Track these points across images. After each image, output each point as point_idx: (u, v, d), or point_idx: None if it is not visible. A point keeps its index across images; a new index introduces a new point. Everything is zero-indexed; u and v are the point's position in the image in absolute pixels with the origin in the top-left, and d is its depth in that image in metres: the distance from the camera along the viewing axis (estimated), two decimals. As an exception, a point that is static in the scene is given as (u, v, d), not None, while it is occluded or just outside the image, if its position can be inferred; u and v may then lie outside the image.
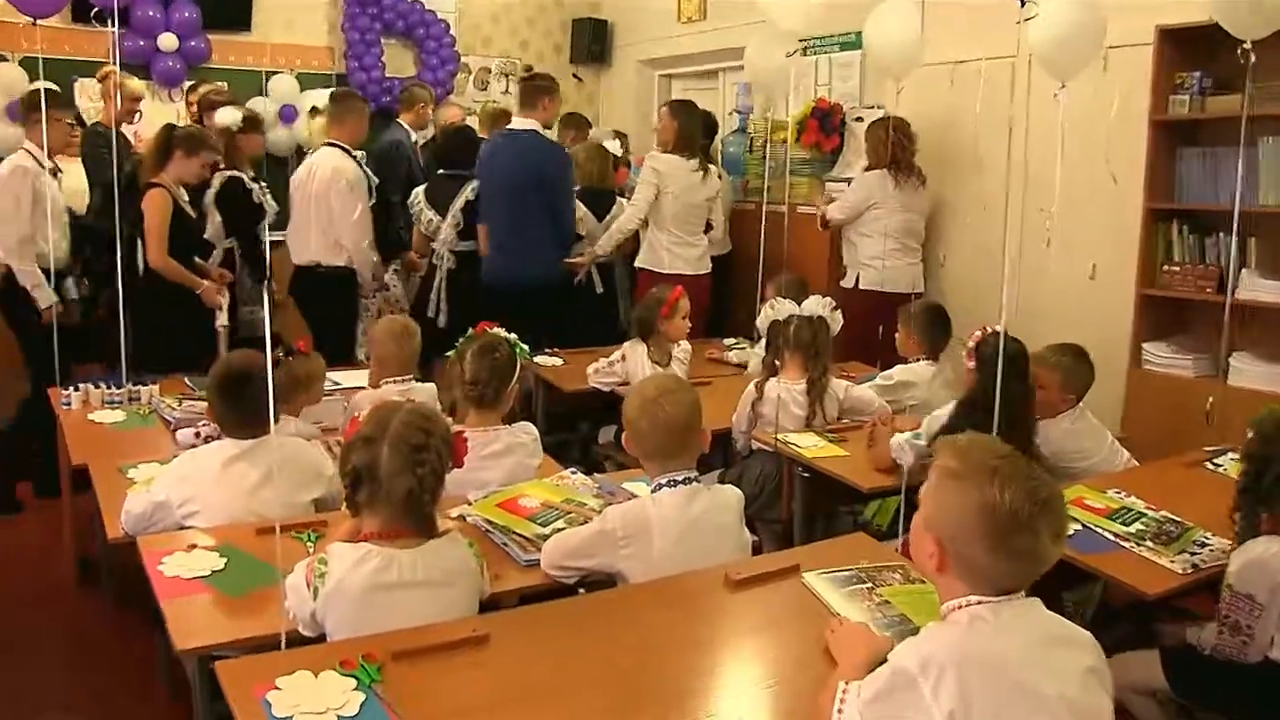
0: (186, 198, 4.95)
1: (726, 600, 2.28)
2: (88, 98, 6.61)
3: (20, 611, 3.97)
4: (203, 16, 6.80)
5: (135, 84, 5.85)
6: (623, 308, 6.00)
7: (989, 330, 3.31)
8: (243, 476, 2.72)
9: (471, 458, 2.63)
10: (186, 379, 4.20)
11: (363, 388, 4.00)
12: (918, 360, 4.32)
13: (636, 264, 5.86)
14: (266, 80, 7.07)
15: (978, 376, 3.16)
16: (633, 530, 2.41)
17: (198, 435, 3.25)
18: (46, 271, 4.77)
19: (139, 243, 4.83)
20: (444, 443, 2.16)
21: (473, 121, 7.12)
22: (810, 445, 3.63)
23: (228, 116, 5.45)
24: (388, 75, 7.46)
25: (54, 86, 5.62)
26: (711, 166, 5.82)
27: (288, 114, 6.96)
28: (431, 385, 3.92)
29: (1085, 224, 4.87)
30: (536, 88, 5.48)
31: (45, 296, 4.76)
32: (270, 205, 5.57)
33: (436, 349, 5.42)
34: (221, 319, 4.86)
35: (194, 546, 2.48)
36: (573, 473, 3.04)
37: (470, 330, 3.20)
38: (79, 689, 3.43)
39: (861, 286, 5.55)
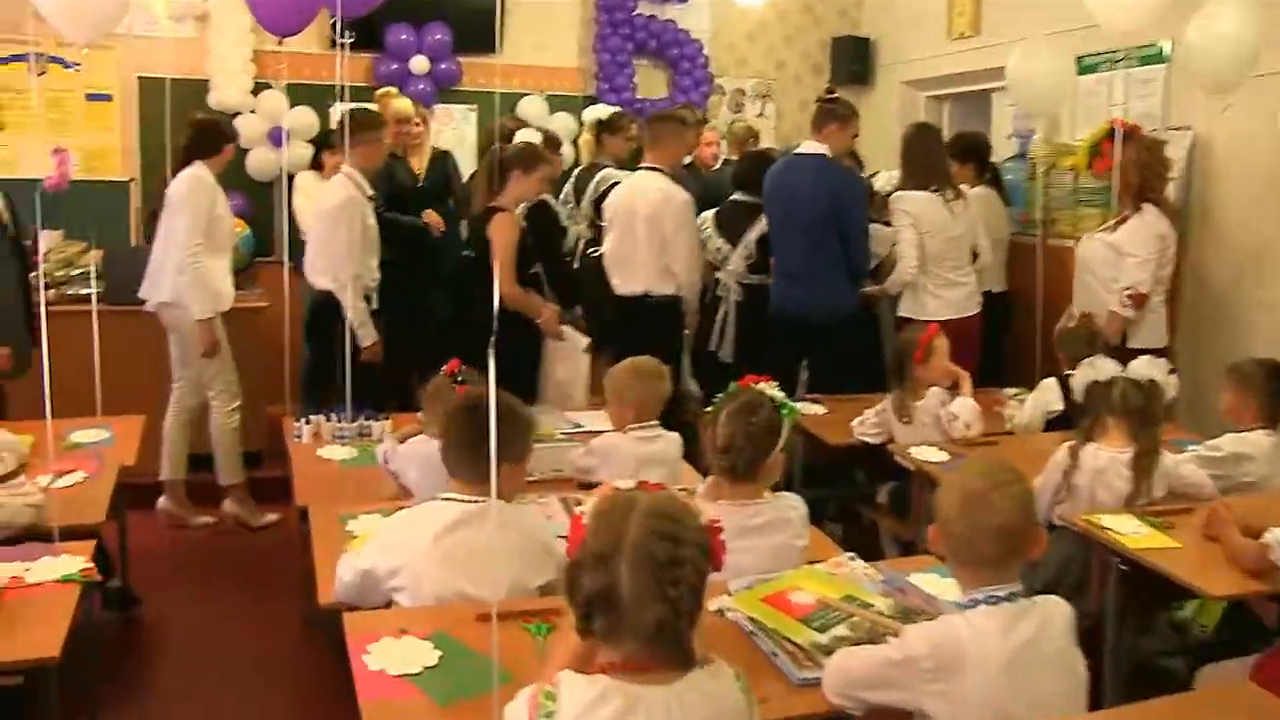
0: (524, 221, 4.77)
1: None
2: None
3: (245, 637, 3.86)
4: (453, 39, 6.69)
5: (401, 104, 5.74)
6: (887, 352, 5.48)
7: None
8: (461, 547, 2.34)
9: (727, 535, 2.17)
10: (421, 414, 3.94)
11: (605, 431, 3.62)
12: (1253, 429, 3.59)
13: (900, 313, 5.32)
14: (515, 103, 6.91)
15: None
16: (944, 660, 1.88)
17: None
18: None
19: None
20: (700, 549, 1.64)
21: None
22: (1131, 532, 2.98)
23: (532, 139, 5.25)
24: (639, 97, 7.17)
25: (369, 106, 5.56)
26: (965, 190, 5.20)
27: (536, 137, 6.75)
28: (677, 436, 3.50)
29: None
30: (823, 111, 5.13)
31: (369, 335, 4.64)
32: (573, 229, 5.35)
33: (719, 386, 5.14)
34: (580, 343, 4.67)
35: (405, 632, 2.11)
36: (850, 559, 2.53)
37: (734, 384, 2.73)
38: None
39: (1131, 344, 4.55)
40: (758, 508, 2.53)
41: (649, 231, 4.92)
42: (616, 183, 5.42)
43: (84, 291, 5.22)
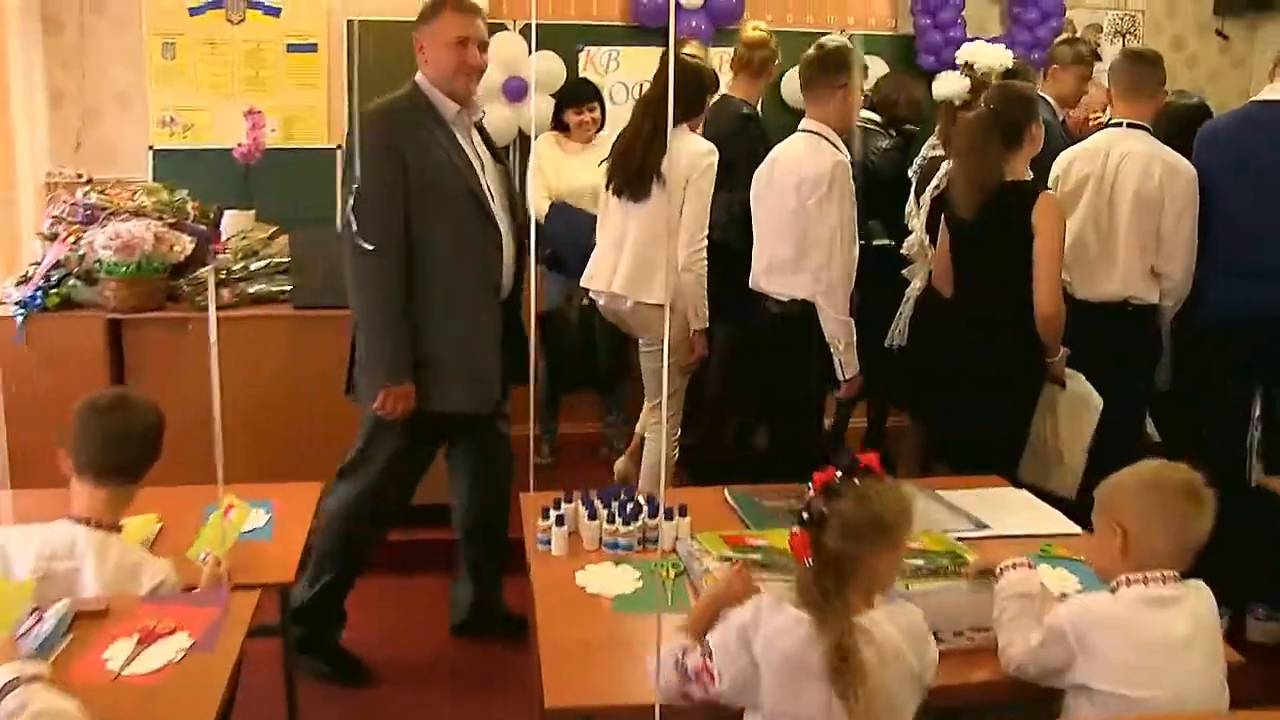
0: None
1: None
2: (595, 70, 5.23)
3: None
4: (741, -35, 5.22)
5: (757, 33, 4.35)
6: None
7: None
8: None
9: None
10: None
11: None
12: None
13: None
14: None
15: None
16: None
17: None
18: None
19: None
20: None
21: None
22: None
23: (952, 85, 3.75)
24: (969, 35, 5.49)
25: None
26: None
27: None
28: (1208, 597, 1.91)
29: None
30: None
31: (853, 362, 3.40)
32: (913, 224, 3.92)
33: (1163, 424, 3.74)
34: (1094, 400, 3.32)
35: None
36: None
37: None
38: None
39: None
40: None
41: (1141, 215, 3.45)
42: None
43: (271, 289, 4.06)
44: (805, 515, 1.70)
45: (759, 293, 3.56)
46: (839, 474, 1.70)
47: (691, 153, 3.54)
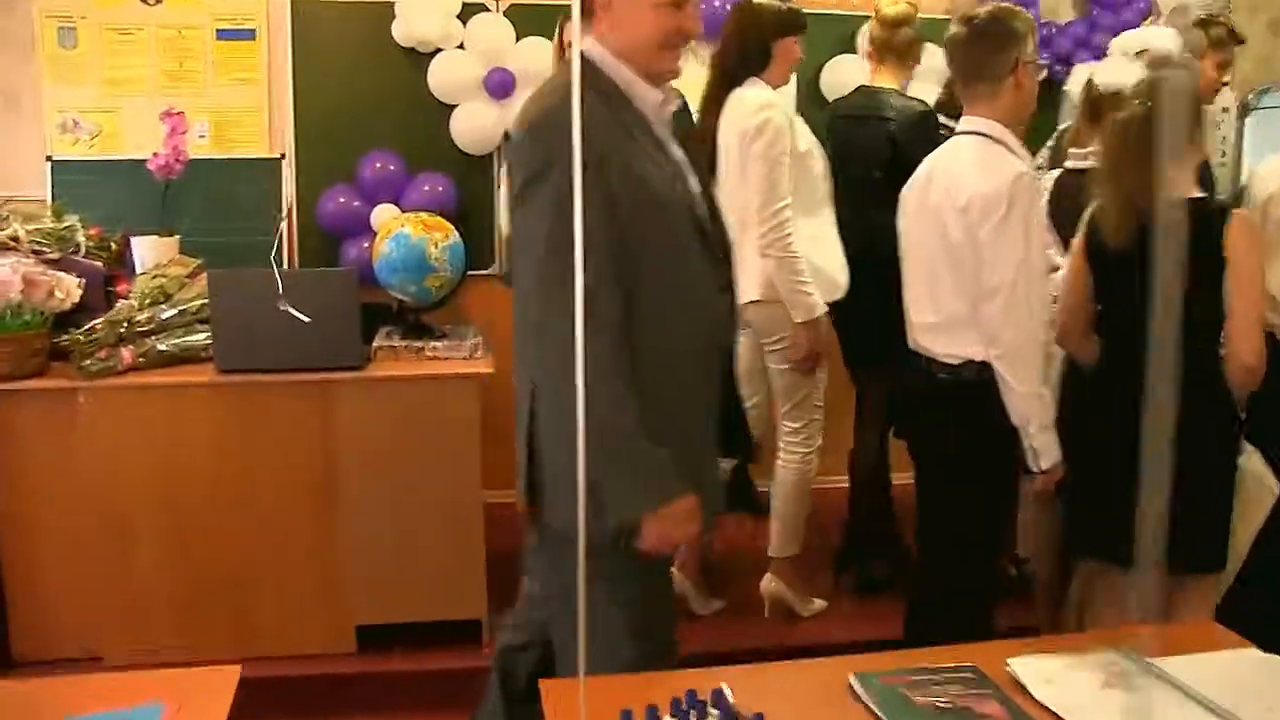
0: None
1: None
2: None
3: None
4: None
5: (898, 8, 3.54)
6: None
7: None
8: None
9: None
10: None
11: None
12: None
13: None
14: (852, 31, 4.48)
15: None
16: None
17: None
18: None
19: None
20: None
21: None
22: None
23: (1120, 74, 2.90)
24: (1042, 20, 4.62)
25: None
26: None
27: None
28: None
29: None
30: None
31: (1050, 447, 2.49)
32: None
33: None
34: None
35: None
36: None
37: None
38: None
39: None
40: None
41: None
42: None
43: (191, 343, 3.09)
44: None
45: (918, 353, 2.62)
46: None
47: (739, 116, 3.02)
